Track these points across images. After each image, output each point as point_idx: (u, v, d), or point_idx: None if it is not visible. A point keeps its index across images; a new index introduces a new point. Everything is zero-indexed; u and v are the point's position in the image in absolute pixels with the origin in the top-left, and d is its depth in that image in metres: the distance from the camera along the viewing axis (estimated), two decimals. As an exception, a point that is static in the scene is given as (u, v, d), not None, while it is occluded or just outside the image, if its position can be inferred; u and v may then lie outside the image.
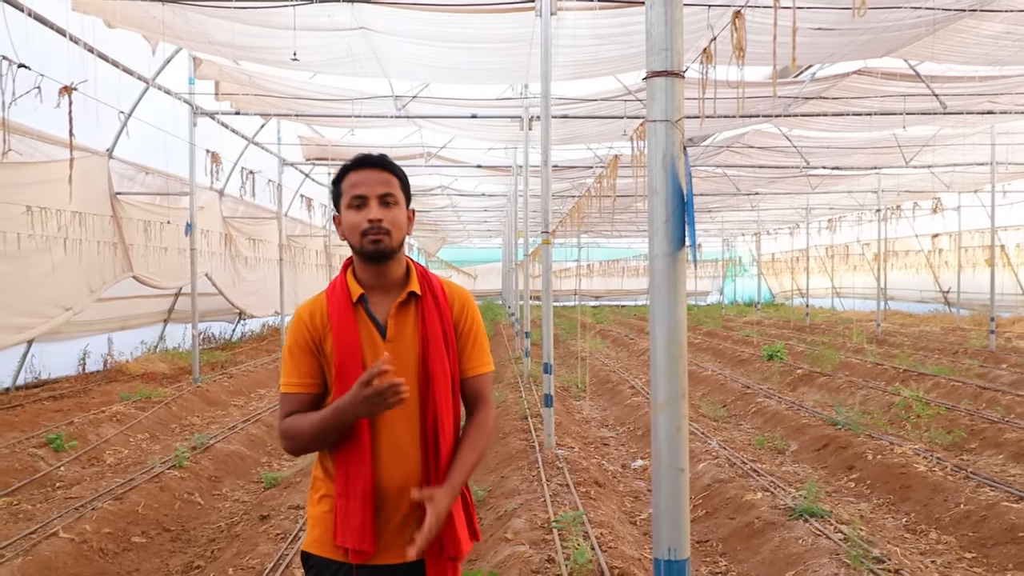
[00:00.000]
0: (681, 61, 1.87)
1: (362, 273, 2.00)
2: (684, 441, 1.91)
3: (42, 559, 4.25)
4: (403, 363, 1.91)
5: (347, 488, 1.89)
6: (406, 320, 1.97)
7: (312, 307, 2.00)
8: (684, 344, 1.91)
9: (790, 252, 32.36)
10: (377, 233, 1.92)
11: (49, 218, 9.01)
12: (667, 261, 1.89)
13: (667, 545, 1.90)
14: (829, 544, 4.37)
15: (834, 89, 10.77)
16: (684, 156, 1.86)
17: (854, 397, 9.79)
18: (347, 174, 1.99)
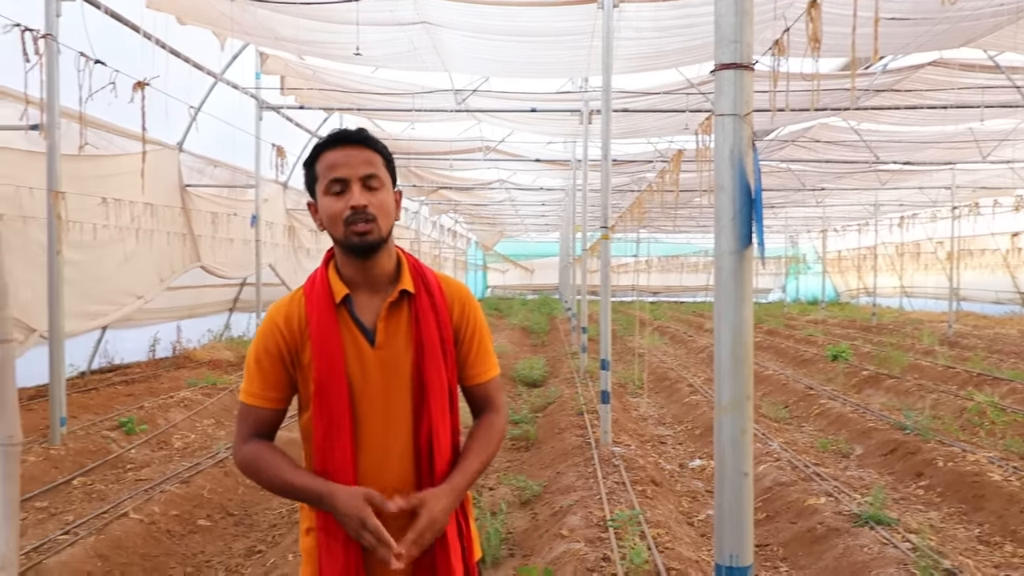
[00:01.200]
0: (751, 53, 1.82)
1: (346, 268, 1.72)
2: (748, 444, 1.86)
3: (113, 538, 4.40)
4: (393, 373, 1.68)
5: (327, 523, 1.63)
6: (398, 323, 1.71)
7: (288, 309, 1.72)
8: (750, 345, 1.85)
9: (857, 249, 31.42)
10: (363, 222, 1.64)
11: (123, 209, 9.33)
12: (733, 259, 1.84)
13: (729, 551, 1.85)
14: (896, 553, 4.22)
15: (907, 81, 10.39)
16: (752, 151, 1.80)
17: (924, 401, 9.44)
18: (321, 153, 1.70)
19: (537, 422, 8.36)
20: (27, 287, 7.52)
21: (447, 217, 31.03)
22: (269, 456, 1.67)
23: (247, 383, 1.73)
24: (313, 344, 1.65)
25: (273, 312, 1.74)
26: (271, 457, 1.67)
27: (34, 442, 6.48)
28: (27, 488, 5.51)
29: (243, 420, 1.73)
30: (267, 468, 1.65)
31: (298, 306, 1.72)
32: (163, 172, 10.61)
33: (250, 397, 1.72)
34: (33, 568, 3.91)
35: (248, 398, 1.72)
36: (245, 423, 1.72)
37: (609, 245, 6.49)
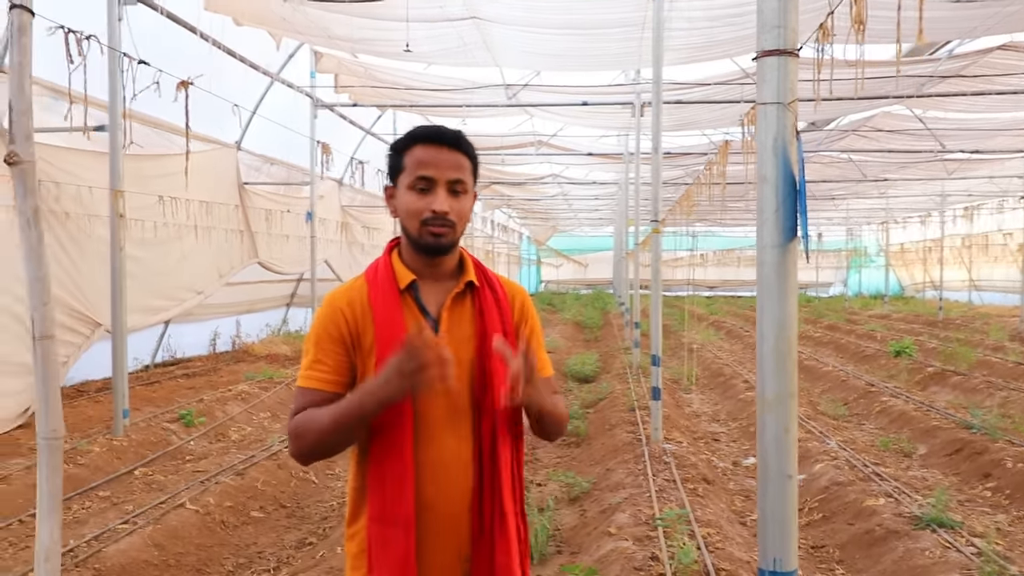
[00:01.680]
0: (796, 39, 1.74)
1: (412, 260, 1.71)
2: (792, 444, 1.79)
3: (170, 528, 4.53)
4: (456, 364, 1.58)
5: (383, 511, 1.58)
6: (462, 313, 1.70)
7: (350, 294, 1.69)
8: (794, 341, 1.78)
9: (922, 242, 30.36)
10: (441, 226, 1.64)
11: (183, 207, 9.58)
12: (777, 253, 1.77)
13: (772, 555, 1.79)
14: (960, 558, 4.06)
15: (974, 67, 9.95)
16: (796, 141, 1.73)
17: (992, 399, 9.07)
18: (413, 145, 1.67)
19: (588, 418, 8.30)
20: (92, 283, 7.80)
21: (500, 212, 31.08)
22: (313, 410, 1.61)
23: (305, 367, 1.67)
24: (377, 327, 1.63)
25: (335, 296, 1.70)
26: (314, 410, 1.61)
27: (99, 433, 6.72)
28: (91, 478, 5.71)
29: (296, 402, 1.66)
30: (310, 417, 1.59)
31: (359, 292, 1.69)
32: (222, 170, 10.87)
33: (309, 380, 1.65)
34: (94, 556, 4.05)
35: (307, 381, 1.65)
36: (298, 404, 1.66)
37: (660, 239, 6.39)
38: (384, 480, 1.59)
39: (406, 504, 1.57)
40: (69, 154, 7.61)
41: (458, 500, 1.63)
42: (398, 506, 1.57)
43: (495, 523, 1.64)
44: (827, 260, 37.01)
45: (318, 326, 1.68)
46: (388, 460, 1.59)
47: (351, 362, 1.66)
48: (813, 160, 17.79)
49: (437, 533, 1.61)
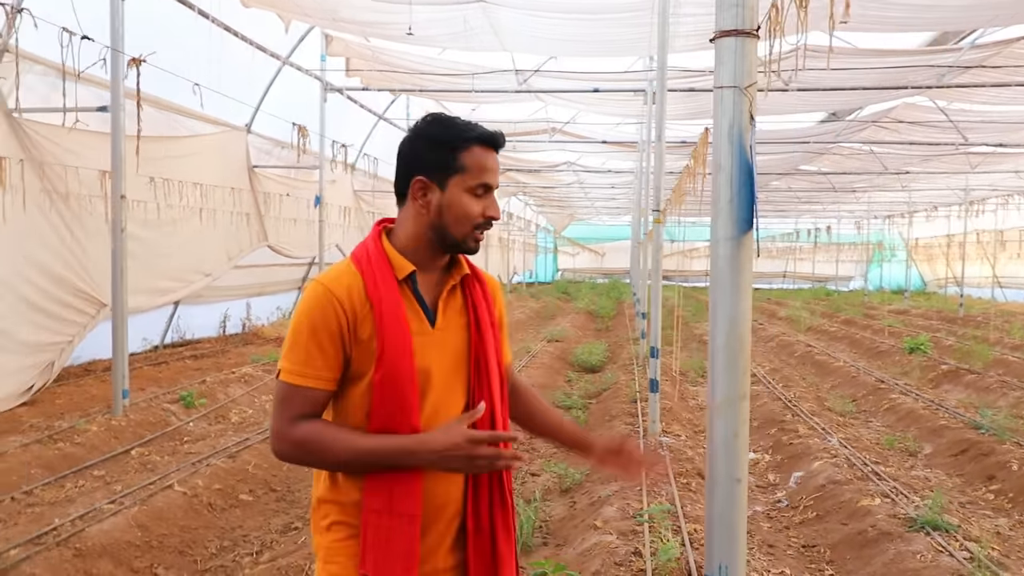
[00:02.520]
0: (755, 18, 1.65)
1: (417, 252, 1.66)
2: (742, 448, 1.71)
3: (155, 509, 4.53)
4: (450, 355, 1.65)
5: (391, 504, 1.55)
6: (455, 305, 1.70)
7: (348, 281, 1.60)
8: (747, 340, 1.70)
9: (946, 236, 29.83)
10: (483, 232, 1.67)
11: (191, 189, 9.59)
12: (730, 246, 1.68)
13: (719, 562, 1.72)
14: (951, 563, 3.95)
15: (997, 57, 9.69)
16: (752, 127, 1.64)
17: (1005, 399, 8.88)
18: (475, 147, 1.63)
19: (589, 408, 8.24)
20: (98, 264, 7.83)
21: (516, 200, 30.95)
22: (335, 429, 1.57)
23: (293, 361, 1.57)
24: (380, 319, 1.57)
25: (327, 283, 1.59)
26: (338, 430, 1.57)
27: (99, 413, 6.76)
28: (87, 457, 5.75)
29: (289, 403, 1.56)
30: (331, 439, 1.54)
31: (355, 280, 1.61)
32: (231, 153, 10.87)
33: (299, 376, 1.56)
34: (75, 536, 4.05)
35: (297, 378, 1.56)
36: (292, 406, 1.56)
37: (662, 229, 6.28)
38: (393, 472, 1.55)
39: (414, 497, 1.55)
40: (74, 134, 7.60)
41: (456, 491, 1.63)
42: (406, 499, 1.55)
43: (495, 514, 1.66)
44: (846, 254, 36.54)
45: (312, 316, 1.58)
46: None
47: (346, 356, 1.59)
48: (833, 151, 17.51)
49: (435, 525, 1.61)
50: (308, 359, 1.55)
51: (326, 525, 1.63)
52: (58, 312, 7.67)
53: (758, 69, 1.71)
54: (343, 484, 1.62)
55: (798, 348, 13.61)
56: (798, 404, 8.20)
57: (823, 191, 24.24)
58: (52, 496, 4.97)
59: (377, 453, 1.52)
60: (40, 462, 5.52)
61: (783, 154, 17.50)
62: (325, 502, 1.64)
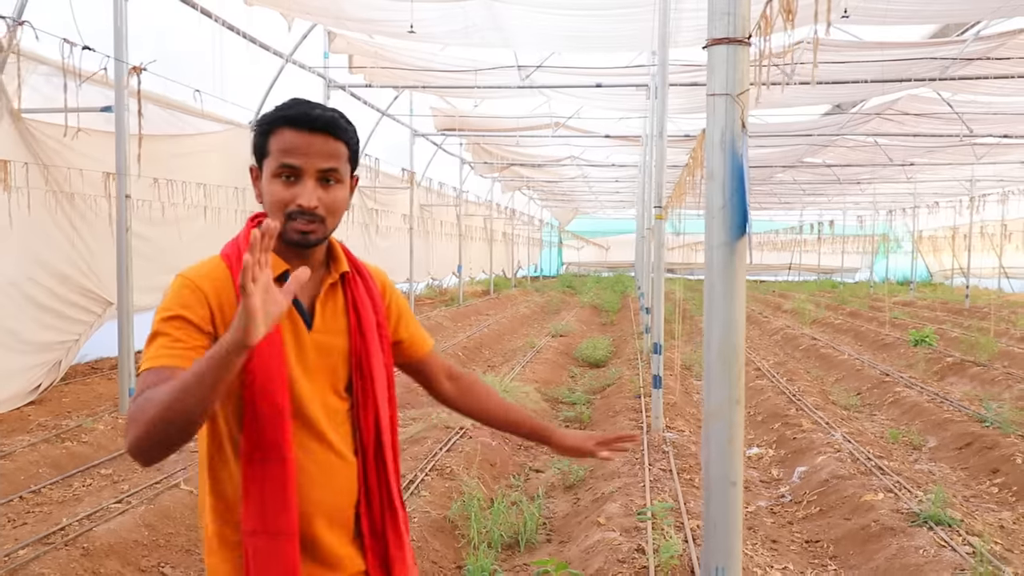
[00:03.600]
0: (747, 26, 1.66)
1: (279, 248, 1.49)
2: (737, 452, 1.73)
3: (162, 508, 4.57)
4: (331, 359, 1.54)
5: (264, 523, 1.42)
6: (335, 305, 1.56)
7: (213, 276, 1.46)
8: (741, 346, 1.72)
9: (952, 227, 29.70)
10: (309, 222, 1.46)
11: (195, 187, 9.62)
12: (724, 252, 1.70)
13: (715, 564, 1.74)
14: (953, 557, 3.97)
15: (1003, 48, 9.64)
16: (744, 134, 1.65)
17: (1010, 392, 8.86)
18: (279, 127, 1.47)
19: (593, 404, 8.26)
20: (104, 263, 7.87)
21: (520, 194, 30.95)
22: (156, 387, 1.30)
23: (162, 345, 1.37)
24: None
25: (193, 277, 1.45)
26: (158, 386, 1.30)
27: (106, 411, 6.82)
28: (94, 455, 5.79)
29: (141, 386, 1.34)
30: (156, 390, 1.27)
31: (222, 276, 1.47)
32: (235, 151, 10.89)
33: (163, 358, 1.35)
34: (83, 535, 4.09)
35: (160, 360, 1.35)
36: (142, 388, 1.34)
37: (663, 225, 6.29)
38: (263, 487, 1.42)
39: (290, 512, 1.43)
40: (79, 134, 7.64)
41: (344, 500, 1.54)
42: (281, 515, 1.42)
43: (386, 520, 1.58)
44: (851, 245, 36.42)
45: (175, 307, 1.41)
46: (266, 464, 1.43)
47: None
48: (838, 144, 17.45)
49: (321, 538, 1.51)
50: (168, 343, 1.37)
51: (213, 531, 1.51)
52: (64, 311, 7.72)
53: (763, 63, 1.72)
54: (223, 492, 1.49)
55: (803, 341, 13.60)
56: (802, 398, 8.21)
57: (828, 183, 24.17)
58: (60, 495, 5.02)
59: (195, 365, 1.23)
60: (48, 461, 5.57)
61: (787, 147, 17.45)
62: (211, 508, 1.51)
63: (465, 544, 4.37)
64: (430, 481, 5.16)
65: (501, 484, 5.55)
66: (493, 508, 4.58)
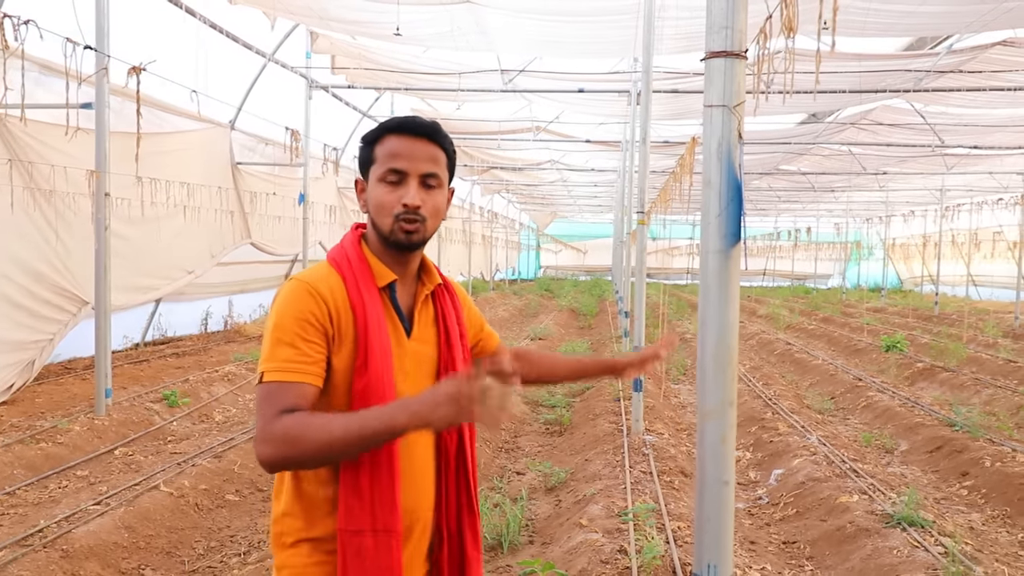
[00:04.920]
0: (743, 40, 1.71)
1: (383, 256, 1.63)
2: (730, 453, 1.78)
3: (142, 510, 4.54)
4: (423, 367, 1.64)
5: (374, 521, 1.49)
6: (427, 315, 1.68)
7: (331, 282, 1.56)
8: (735, 349, 1.77)
9: (922, 235, 30.24)
10: (413, 222, 1.56)
11: (174, 186, 9.54)
12: (719, 258, 1.75)
13: (707, 561, 1.78)
14: (926, 558, 4.06)
15: (974, 62, 9.88)
16: (740, 145, 1.71)
17: (979, 396, 9.07)
18: (386, 136, 1.60)
19: (573, 407, 8.31)
20: (79, 261, 7.78)
21: (499, 197, 31.00)
22: (309, 415, 1.42)
23: (282, 358, 1.45)
24: (363, 326, 1.52)
25: (310, 281, 1.53)
26: (312, 414, 1.43)
27: (81, 412, 6.74)
28: (70, 457, 5.73)
29: (273, 400, 1.43)
30: (314, 423, 1.39)
31: (336, 282, 1.56)
32: (215, 150, 10.83)
33: (289, 372, 1.45)
34: (62, 537, 4.05)
35: (286, 374, 1.44)
36: (277, 402, 1.43)
37: (646, 231, 6.36)
38: (372, 486, 1.49)
39: (395, 511, 1.50)
40: (56, 130, 7.55)
41: (428, 500, 1.63)
42: (388, 514, 1.50)
43: (464, 520, 1.68)
44: (825, 252, 36.93)
45: (298, 308, 1.50)
46: (375, 464, 1.49)
47: (328, 355, 1.52)
48: (813, 152, 17.72)
49: (411, 536, 1.60)
50: (294, 354, 1.46)
51: (290, 542, 1.55)
52: (39, 310, 7.62)
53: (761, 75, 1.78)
54: (310, 496, 1.54)
55: (778, 346, 13.78)
56: (778, 402, 8.33)
57: (803, 191, 24.51)
58: (35, 497, 4.96)
59: (360, 420, 1.38)
60: (22, 462, 5.50)
61: (763, 154, 17.69)
62: (289, 515, 1.56)
63: (448, 545, 4.38)
64: (413, 483, 5.18)
65: (483, 486, 5.57)
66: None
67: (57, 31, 5.76)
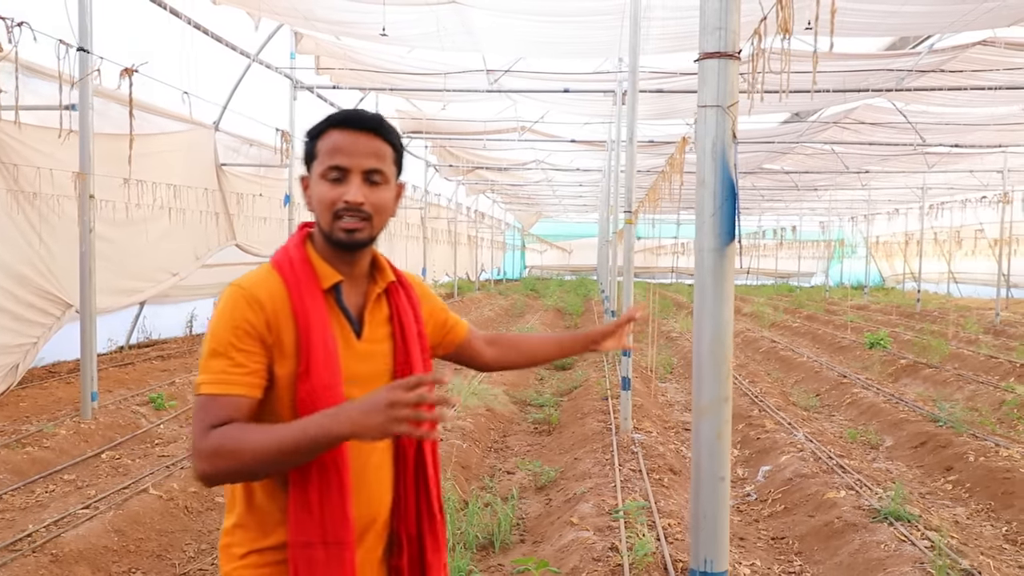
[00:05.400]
0: (737, 41, 1.74)
1: (328, 256, 1.56)
2: (725, 448, 1.80)
3: (131, 513, 4.51)
4: (376, 367, 1.57)
5: (324, 533, 1.44)
6: (379, 315, 1.60)
7: (269, 287, 1.49)
8: (730, 346, 1.79)
9: (904, 233, 30.57)
10: (355, 220, 1.49)
11: (158, 188, 9.47)
12: (714, 257, 1.77)
13: (704, 556, 1.81)
14: (913, 551, 4.12)
15: (955, 61, 10.00)
16: (734, 144, 1.73)
17: (961, 392, 9.18)
18: (327, 131, 1.53)
19: (561, 406, 8.34)
20: (63, 264, 7.71)
21: (484, 197, 31.01)
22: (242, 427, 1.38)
23: (218, 369, 1.41)
24: (305, 331, 1.46)
25: (247, 287, 1.47)
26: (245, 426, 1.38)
27: (67, 416, 6.69)
28: (57, 461, 5.68)
29: (206, 413, 1.39)
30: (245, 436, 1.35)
31: (276, 285, 1.50)
32: (200, 151, 10.75)
33: (224, 384, 1.40)
34: (51, 541, 4.02)
35: (221, 385, 1.40)
36: (210, 415, 1.39)
37: (633, 230, 6.39)
38: (321, 497, 1.44)
39: (347, 522, 1.45)
40: (39, 132, 7.49)
41: (380, 506, 1.57)
42: (339, 526, 1.44)
43: (423, 524, 1.62)
44: (808, 251, 37.23)
45: (233, 316, 1.44)
46: (324, 473, 1.44)
47: (268, 362, 1.46)
48: (796, 151, 17.87)
49: (364, 542, 1.54)
50: (228, 364, 1.41)
51: (241, 553, 1.50)
52: (23, 314, 7.54)
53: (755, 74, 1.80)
54: (263, 508, 1.50)
55: (763, 344, 13.88)
56: (764, 399, 8.40)
57: (786, 189, 24.71)
58: (22, 501, 4.92)
59: (294, 430, 1.34)
60: (8, 467, 5.44)
61: (747, 153, 17.80)
62: (241, 527, 1.52)
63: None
64: (403, 483, 5.18)
65: (474, 486, 5.58)
66: (468, 509, 4.62)
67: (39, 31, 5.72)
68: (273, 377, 1.47)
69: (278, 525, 1.49)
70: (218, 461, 1.35)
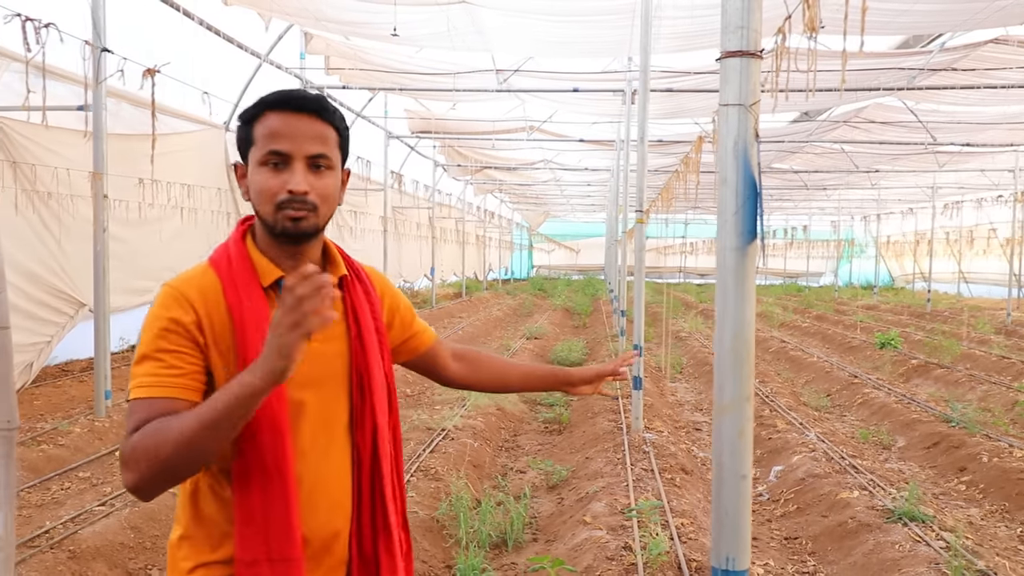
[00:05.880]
0: (758, 40, 1.74)
1: (270, 249, 1.43)
2: (748, 446, 1.80)
3: (147, 510, 4.54)
4: (329, 368, 1.45)
5: (269, 550, 1.33)
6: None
7: (200, 284, 1.38)
8: (752, 344, 1.79)
9: (913, 232, 30.43)
10: (300, 208, 1.37)
11: (170, 188, 9.52)
12: (736, 256, 1.77)
13: (725, 554, 1.81)
14: (928, 552, 4.11)
15: (966, 60, 9.96)
16: (756, 143, 1.73)
17: (974, 392, 9.14)
18: (265, 112, 1.39)
19: (571, 406, 8.34)
20: (76, 263, 7.77)
21: (492, 197, 31.04)
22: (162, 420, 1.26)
23: (149, 372, 1.31)
24: (241, 330, 1.35)
25: (180, 288, 1.37)
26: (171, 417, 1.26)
27: (81, 414, 6.73)
28: (72, 459, 5.72)
29: (134, 420, 1.28)
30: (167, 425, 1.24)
31: (211, 285, 1.39)
32: (211, 151, 10.80)
33: (156, 387, 1.30)
34: (69, 538, 4.06)
35: (152, 389, 1.30)
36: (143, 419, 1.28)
37: (644, 229, 6.39)
38: (264, 511, 1.33)
39: (294, 536, 1.34)
40: (52, 132, 7.54)
41: (340, 520, 1.45)
42: (285, 542, 1.34)
43: (379, 542, 1.49)
44: (817, 250, 37.10)
45: (162, 320, 1.34)
46: (267, 485, 1.33)
47: (203, 365, 1.36)
48: (805, 150, 17.82)
49: (317, 561, 1.42)
50: (158, 367, 1.31)
51: (188, 567, 1.40)
52: (37, 312, 7.60)
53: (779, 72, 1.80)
54: (211, 519, 1.40)
55: (772, 344, 13.85)
56: (775, 399, 8.38)
57: (795, 189, 24.64)
58: (38, 499, 4.95)
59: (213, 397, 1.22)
60: (24, 464, 5.48)
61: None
62: (188, 539, 1.41)
63: (453, 544, 4.41)
64: (416, 482, 5.19)
65: (486, 485, 5.60)
66: (480, 508, 4.63)
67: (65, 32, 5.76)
68: (212, 380, 1.37)
69: (225, 537, 1.38)
70: (142, 465, 1.23)
